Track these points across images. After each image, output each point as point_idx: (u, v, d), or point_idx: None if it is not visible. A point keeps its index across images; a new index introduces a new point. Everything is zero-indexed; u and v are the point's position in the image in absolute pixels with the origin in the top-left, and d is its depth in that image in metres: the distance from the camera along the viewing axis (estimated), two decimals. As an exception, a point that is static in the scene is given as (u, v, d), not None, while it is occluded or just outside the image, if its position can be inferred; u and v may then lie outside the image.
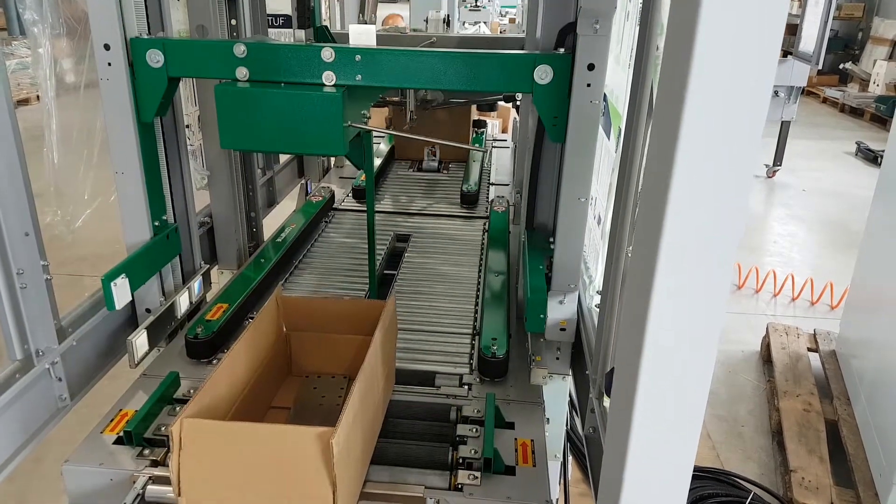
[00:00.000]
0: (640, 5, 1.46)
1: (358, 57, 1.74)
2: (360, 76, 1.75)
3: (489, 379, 1.85)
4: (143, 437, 1.57)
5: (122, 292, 1.80)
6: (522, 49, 3.35)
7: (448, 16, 4.66)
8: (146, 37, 1.84)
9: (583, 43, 1.68)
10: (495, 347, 1.88)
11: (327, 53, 1.73)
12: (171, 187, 2.09)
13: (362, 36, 1.83)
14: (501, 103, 4.90)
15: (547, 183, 2.11)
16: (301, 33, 1.83)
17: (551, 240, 2.00)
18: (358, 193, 3.25)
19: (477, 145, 3.96)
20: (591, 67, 1.70)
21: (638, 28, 1.41)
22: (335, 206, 3.15)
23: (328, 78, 1.75)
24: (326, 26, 3.41)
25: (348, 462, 1.21)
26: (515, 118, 4.01)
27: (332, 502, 1.16)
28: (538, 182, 2.12)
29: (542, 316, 1.85)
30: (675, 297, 0.85)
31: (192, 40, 2.09)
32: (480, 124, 4.37)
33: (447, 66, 1.77)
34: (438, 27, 4.05)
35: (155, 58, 1.80)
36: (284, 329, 1.77)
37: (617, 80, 2.00)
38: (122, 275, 1.81)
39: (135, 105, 1.84)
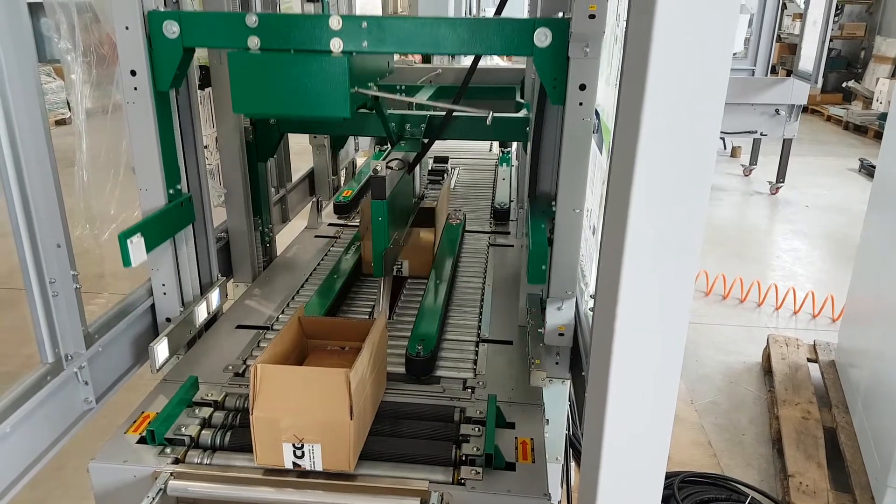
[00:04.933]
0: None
1: (364, 24, 1.82)
2: (366, 42, 1.83)
3: (415, 377, 1.95)
4: (165, 436, 1.67)
5: (137, 250, 1.85)
6: (520, 81, 3.48)
7: None
8: (162, 10, 1.93)
9: (574, 65, 1.79)
10: (421, 347, 1.99)
11: (335, 22, 1.80)
12: (192, 196, 2.20)
13: (368, 5, 1.92)
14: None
15: (548, 154, 2.16)
16: (310, 6, 1.91)
17: (553, 203, 2.07)
18: (339, 209, 3.28)
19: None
20: (582, 87, 1.81)
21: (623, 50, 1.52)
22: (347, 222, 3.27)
23: (335, 45, 1.81)
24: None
25: (359, 393, 1.57)
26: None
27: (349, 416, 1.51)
28: (540, 154, 2.17)
29: (543, 268, 1.96)
30: (639, 292, 0.95)
31: (205, 12, 2.16)
32: (505, 144, 4.52)
33: (450, 31, 1.85)
34: (444, 58, 4.22)
35: (171, 28, 1.88)
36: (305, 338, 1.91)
37: (609, 99, 2.11)
38: (138, 234, 1.87)
39: (153, 83, 1.93)
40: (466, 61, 4.05)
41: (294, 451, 1.53)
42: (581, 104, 1.82)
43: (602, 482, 1.03)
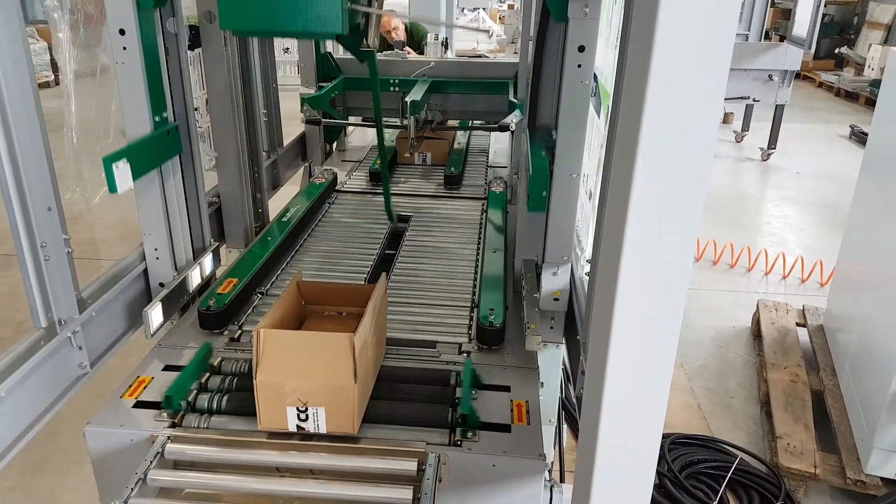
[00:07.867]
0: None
1: None
2: None
3: (487, 347, 1.96)
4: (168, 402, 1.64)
5: (123, 175, 1.80)
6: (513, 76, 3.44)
7: (446, 39, 4.77)
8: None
9: (573, 26, 1.76)
10: (492, 317, 1.99)
11: None
12: (183, 172, 2.17)
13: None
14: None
15: (548, 84, 2.11)
16: None
17: (553, 133, 2.04)
18: (374, 176, 3.31)
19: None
20: (581, 49, 1.79)
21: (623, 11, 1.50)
22: (338, 187, 3.25)
23: None
24: (330, 53, 3.49)
25: (363, 357, 1.57)
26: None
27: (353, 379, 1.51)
28: (540, 86, 2.13)
29: (543, 194, 1.93)
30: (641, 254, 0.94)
31: None
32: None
33: None
34: (437, 51, 4.19)
35: None
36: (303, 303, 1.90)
37: (607, 61, 2.08)
38: (124, 159, 1.82)
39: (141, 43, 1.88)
40: (461, 17, 4.04)
41: (298, 415, 1.54)
42: (580, 66, 1.79)
43: (601, 443, 1.04)
